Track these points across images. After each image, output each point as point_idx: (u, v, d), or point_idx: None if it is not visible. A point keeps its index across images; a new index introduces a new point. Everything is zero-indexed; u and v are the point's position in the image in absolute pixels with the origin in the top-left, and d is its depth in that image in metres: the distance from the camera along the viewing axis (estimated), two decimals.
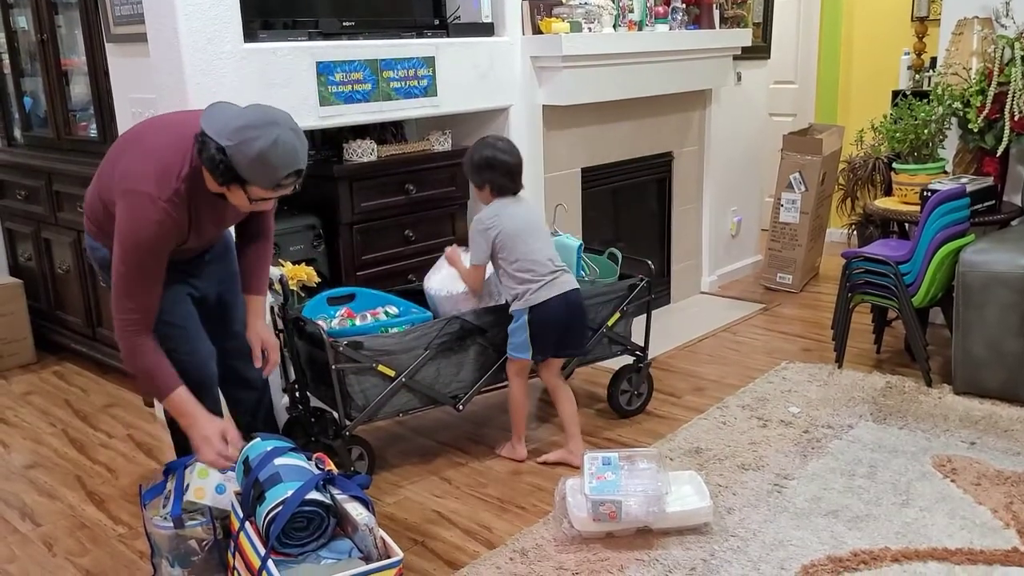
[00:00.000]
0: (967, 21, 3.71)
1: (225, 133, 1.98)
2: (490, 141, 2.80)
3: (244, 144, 1.97)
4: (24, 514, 2.73)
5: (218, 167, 1.99)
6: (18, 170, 4.03)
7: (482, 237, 2.74)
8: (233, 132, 1.98)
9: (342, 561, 1.95)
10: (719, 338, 4.09)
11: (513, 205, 2.78)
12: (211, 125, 2.01)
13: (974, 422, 3.05)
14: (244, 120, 1.99)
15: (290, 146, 2.01)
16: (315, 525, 1.96)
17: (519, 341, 2.79)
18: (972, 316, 3.18)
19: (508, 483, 2.79)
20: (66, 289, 3.92)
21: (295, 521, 1.93)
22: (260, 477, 2.00)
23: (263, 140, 1.97)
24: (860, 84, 5.63)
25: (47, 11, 3.64)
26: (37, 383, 3.83)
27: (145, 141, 2.16)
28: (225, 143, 1.97)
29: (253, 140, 1.97)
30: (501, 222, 2.73)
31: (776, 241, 4.82)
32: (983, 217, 3.52)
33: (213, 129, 2.00)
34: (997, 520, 2.42)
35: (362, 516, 1.98)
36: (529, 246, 2.74)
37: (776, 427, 3.08)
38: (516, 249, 2.74)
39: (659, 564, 2.29)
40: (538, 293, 2.73)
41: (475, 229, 2.76)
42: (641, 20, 3.96)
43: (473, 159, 2.77)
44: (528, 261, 2.74)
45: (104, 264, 2.26)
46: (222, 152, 1.97)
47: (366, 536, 1.96)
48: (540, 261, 2.75)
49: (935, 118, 3.61)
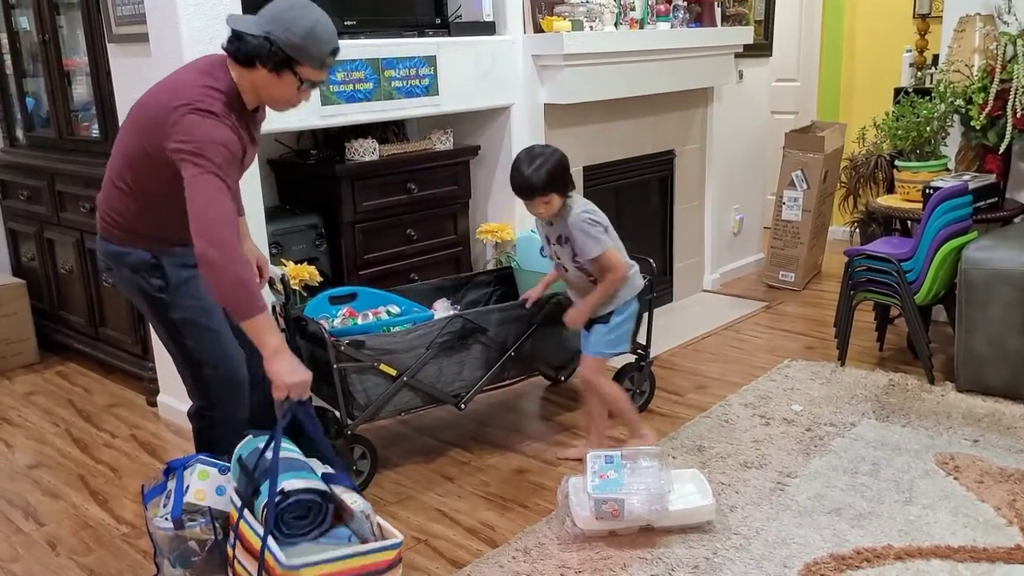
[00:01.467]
0: (969, 18, 3.70)
1: (261, 25, 2.00)
2: (543, 150, 2.66)
3: (291, 24, 2.00)
4: (28, 514, 2.73)
5: (269, 52, 2.00)
6: (21, 170, 4.04)
7: (599, 228, 2.67)
8: (269, 21, 2.01)
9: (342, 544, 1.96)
10: (721, 336, 4.08)
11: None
12: (241, 24, 2.03)
13: (977, 420, 3.04)
14: (276, 9, 2.02)
15: (328, 22, 2.05)
16: (314, 513, 1.97)
17: (622, 334, 2.78)
18: (975, 313, 3.17)
19: (511, 482, 2.79)
20: (69, 289, 3.92)
21: (294, 510, 1.94)
22: (255, 473, 2.00)
23: (308, 17, 2.01)
24: (862, 81, 5.62)
25: (48, 12, 3.64)
26: (40, 383, 3.84)
27: (173, 81, 2.09)
28: (268, 30, 1.99)
29: (298, 19, 2.00)
30: (602, 215, 2.73)
31: (778, 239, 4.81)
32: (985, 214, 3.51)
33: (245, 26, 2.02)
34: (1000, 518, 2.42)
35: (357, 503, 1.98)
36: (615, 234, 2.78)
37: (779, 425, 3.08)
38: (617, 239, 2.76)
39: (662, 562, 2.29)
40: (639, 281, 2.80)
41: (589, 223, 2.65)
42: (643, 18, 3.96)
43: (551, 170, 2.59)
44: (623, 250, 2.78)
45: (141, 266, 2.18)
46: (267, 39, 2.00)
47: (363, 523, 1.96)
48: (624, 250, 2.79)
49: (937, 115, 3.61)
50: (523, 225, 3.60)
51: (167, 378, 3.39)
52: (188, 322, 2.23)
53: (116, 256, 2.22)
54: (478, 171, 3.67)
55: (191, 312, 2.22)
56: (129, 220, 2.17)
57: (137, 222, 2.16)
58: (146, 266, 2.18)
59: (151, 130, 2.04)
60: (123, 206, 2.16)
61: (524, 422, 3.26)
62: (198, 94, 2.02)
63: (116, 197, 2.17)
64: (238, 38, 2.03)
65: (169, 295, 2.20)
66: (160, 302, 2.21)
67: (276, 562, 1.82)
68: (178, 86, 2.06)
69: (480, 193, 3.70)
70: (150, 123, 2.05)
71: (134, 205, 2.15)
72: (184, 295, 2.21)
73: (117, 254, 2.21)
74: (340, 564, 1.86)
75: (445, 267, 3.54)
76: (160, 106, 2.03)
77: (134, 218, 2.16)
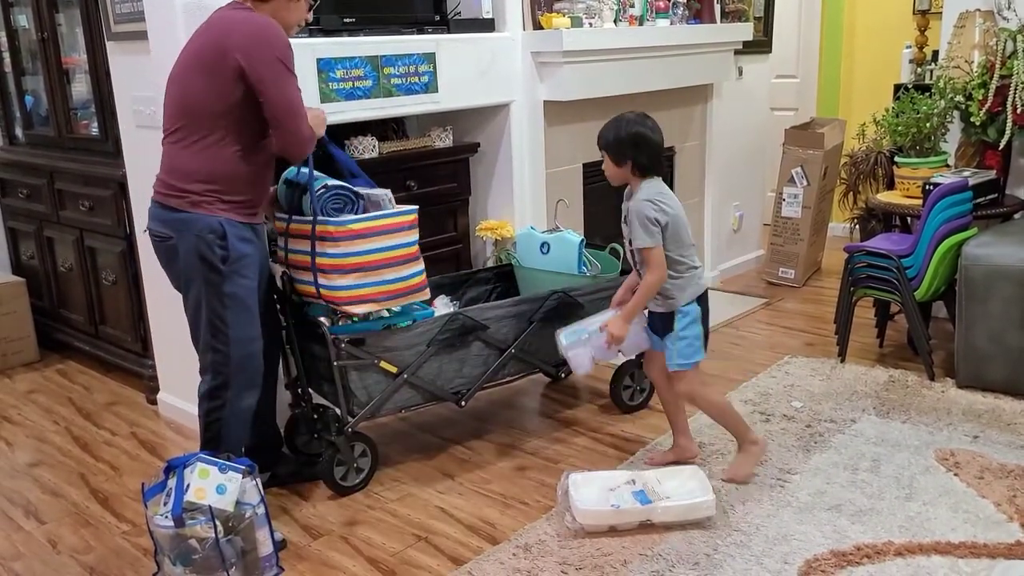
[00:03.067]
0: (969, 14, 3.70)
1: None
2: (636, 119, 2.54)
3: None
4: (28, 512, 2.74)
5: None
6: (20, 169, 4.03)
7: (655, 221, 2.49)
8: None
9: None
10: (721, 333, 4.08)
11: (667, 189, 2.58)
12: None
13: (977, 416, 3.04)
14: None
15: None
16: (349, 205, 2.55)
17: (692, 339, 2.56)
18: (975, 310, 3.17)
19: (511, 479, 2.80)
20: (69, 287, 3.92)
21: (334, 201, 2.51)
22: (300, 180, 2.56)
23: None
24: (862, 78, 5.62)
25: (47, 9, 3.64)
26: (40, 381, 3.84)
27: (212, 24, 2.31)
28: None
29: None
30: (672, 208, 2.52)
31: (778, 236, 4.81)
32: (985, 210, 3.51)
33: None
34: (1000, 514, 2.42)
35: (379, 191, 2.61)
36: (689, 234, 2.58)
37: (779, 422, 3.07)
38: (682, 237, 2.55)
39: (662, 559, 2.29)
40: (702, 281, 2.60)
41: (646, 212, 2.49)
42: (642, 15, 3.95)
43: (620, 134, 2.52)
44: (690, 249, 2.57)
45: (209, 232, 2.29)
46: None
47: (388, 204, 2.59)
48: (694, 250, 2.61)
49: (937, 111, 3.60)
50: (523, 222, 3.60)
51: (167, 376, 3.39)
52: (237, 298, 2.36)
53: (183, 223, 2.31)
54: (478, 168, 3.67)
55: (242, 289, 2.37)
56: (199, 179, 2.29)
57: (208, 179, 2.29)
58: (214, 233, 2.30)
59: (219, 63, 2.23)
60: (193, 164, 2.29)
61: (524, 419, 3.26)
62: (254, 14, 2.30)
63: (185, 157, 2.30)
64: None
65: (228, 266, 2.34)
66: (218, 272, 2.33)
67: (330, 226, 2.48)
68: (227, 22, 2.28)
69: (480, 190, 3.70)
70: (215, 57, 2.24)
71: (204, 159, 2.29)
72: (241, 270, 2.36)
73: (185, 220, 2.31)
74: (374, 222, 2.54)
75: (445, 264, 3.54)
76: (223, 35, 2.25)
77: (205, 175, 2.29)
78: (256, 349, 2.44)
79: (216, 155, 2.30)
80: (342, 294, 2.52)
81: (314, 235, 2.50)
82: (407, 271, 2.59)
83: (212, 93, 2.25)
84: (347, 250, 2.49)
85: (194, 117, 2.28)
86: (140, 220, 3.21)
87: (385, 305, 2.60)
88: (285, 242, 2.62)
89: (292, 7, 2.39)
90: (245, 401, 2.44)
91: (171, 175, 2.34)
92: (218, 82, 2.24)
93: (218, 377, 2.40)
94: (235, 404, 2.41)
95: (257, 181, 2.42)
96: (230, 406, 2.41)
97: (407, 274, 2.60)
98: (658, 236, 2.50)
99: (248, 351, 2.41)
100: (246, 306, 2.39)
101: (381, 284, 2.55)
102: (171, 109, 2.34)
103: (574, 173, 3.88)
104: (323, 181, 2.54)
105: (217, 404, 2.40)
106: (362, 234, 2.50)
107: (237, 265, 2.35)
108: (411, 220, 2.60)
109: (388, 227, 2.56)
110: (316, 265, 2.52)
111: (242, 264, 2.37)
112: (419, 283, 2.63)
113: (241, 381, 2.41)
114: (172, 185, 2.33)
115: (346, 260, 2.50)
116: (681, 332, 2.57)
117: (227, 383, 2.40)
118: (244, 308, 2.39)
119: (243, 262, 2.37)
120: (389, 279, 2.56)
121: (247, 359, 2.41)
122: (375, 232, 2.53)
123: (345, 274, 2.50)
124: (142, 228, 3.16)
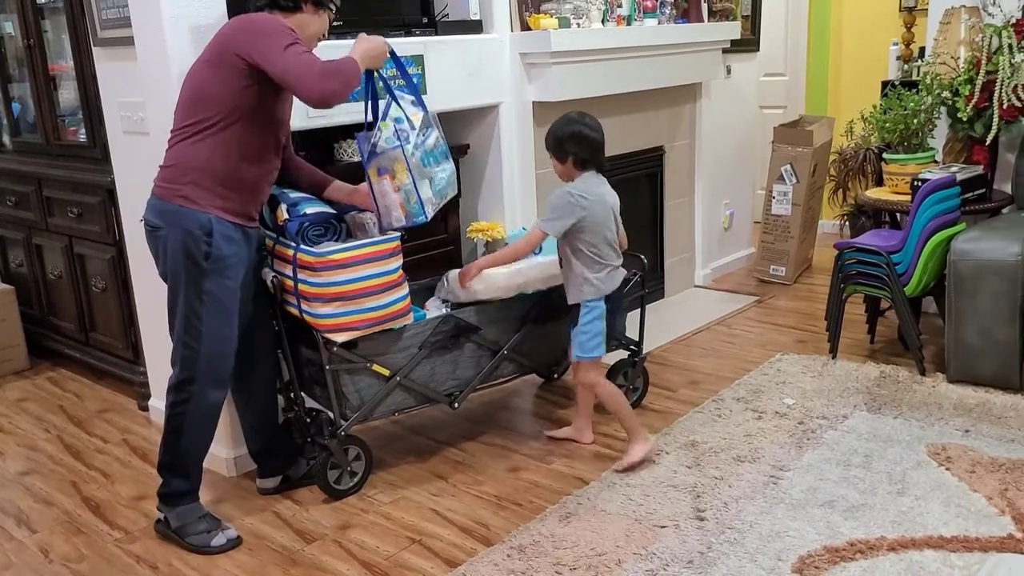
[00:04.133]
0: (955, 10, 3.71)
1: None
2: (575, 117, 2.75)
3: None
4: (20, 520, 2.72)
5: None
6: (8, 176, 4.02)
7: (570, 211, 2.65)
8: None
9: None
10: (713, 331, 4.09)
11: (601, 185, 2.76)
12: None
13: (968, 410, 3.06)
14: None
15: None
16: (331, 230, 2.56)
17: (594, 334, 2.73)
18: (964, 305, 3.19)
19: (504, 480, 2.79)
20: (58, 295, 3.91)
21: (315, 228, 2.53)
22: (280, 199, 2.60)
23: None
24: (850, 75, 5.64)
25: (33, 16, 3.62)
26: (31, 389, 3.82)
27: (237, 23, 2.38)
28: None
29: None
30: (593, 203, 2.68)
31: (769, 233, 4.82)
32: (973, 206, 3.53)
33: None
34: (992, 507, 2.43)
35: (365, 215, 2.62)
36: (611, 231, 2.74)
37: (771, 419, 3.08)
38: (600, 233, 2.70)
39: (656, 558, 2.29)
40: (613, 280, 2.74)
41: (563, 200, 2.67)
42: (629, 15, 3.96)
43: (559, 134, 2.72)
44: (608, 247, 2.73)
45: (196, 227, 2.33)
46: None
47: (372, 229, 2.60)
48: (615, 248, 2.76)
49: (924, 108, 3.62)
50: (513, 223, 3.60)
51: (158, 382, 3.38)
52: (215, 297, 2.39)
53: (173, 215, 2.36)
54: (467, 169, 3.67)
55: (221, 289, 2.40)
56: (195, 173, 2.34)
57: (203, 173, 2.34)
58: (202, 229, 2.34)
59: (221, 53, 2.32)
60: (192, 158, 2.35)
61: (518, 420, 3.26)
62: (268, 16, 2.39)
63: (186, 150, 2.36)
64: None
65: (210, 264, 2.37)
66: (200, 269, 2.36)
67: (310, 256, 2.47)
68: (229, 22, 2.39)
69: (470, 191, 3.70)
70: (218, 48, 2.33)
71: (203, 154, 2.35)
72: (222, 270, 2.39)
73: (176, 213, 2.36)
74: (355, 251, 2.52)
75: (436, 265, 3.52)
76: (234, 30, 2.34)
77: (201, 170, 2.34)
78: (228, 349, 2.46)
79: (215, 151, 2.35)
80: (324, 322, 2.53)
81: (295, 263, 2.52)
82: (389, 298, 2.58)
83: (218, 82, 2.33)
84: (328, 280, 2.48)
85: (200, 108, 2.35)
86: (129, 226, 3.20)
87: (367, 332, 2.59)
88: (271, 261, 2.65)
89: (314, 20, 2.45)
90: (211, 398, 2.46)
91: (170, 168, 2.39)
92: (222, 72, 2.32)
93: (185, 372, 2.42)
94: (200, 400, 2.43)
95: (254, 187, 2.46)
96: (195, 401, 2.43)
97: (389, 301, 2.58)
98: (559, 225, 2.66)
99: (219, 350, 2.43)
100: (223, 306, 2.41)
101: (363, 312, 2.54)
102: (179, 106, 2.41)
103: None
104: (304, 208, 2.55)
105: (182, 398, 2.43)
106: (343, 264, 2.49)
107: (219, 264, 2.38)
108: (393, 247, 2.58)
109: (369, 255, 2.53)
110: (299, 292, 2.54)
111: (224, 264, 2.39)
112: (402, 309, 2.62)
113: (208, 378, 2.43)
114: (169, 178, 2.38)
115: (327, 290, 2.49)
116: (583, 326, 2.73)
117: (194, 378, 2.42)
118: (221, 308, 2.40)
119: (226, 262, 2.39)
120: (371, 307, 2.55)
121: (217, 358, 2.43)
122: (356, 261, 2.51)
123: (327, 303, 2.50)
124: (131, 235, 3.17)
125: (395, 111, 2.60)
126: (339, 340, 2.56)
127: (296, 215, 2.54)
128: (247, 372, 2.65)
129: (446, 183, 2.68)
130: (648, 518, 2.49)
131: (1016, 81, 3.40)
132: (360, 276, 2.52)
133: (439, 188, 2.65)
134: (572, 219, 2.66)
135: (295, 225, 2.52)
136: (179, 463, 2.48)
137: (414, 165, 2.56)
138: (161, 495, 2.52)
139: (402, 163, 2.55)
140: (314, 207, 2.59)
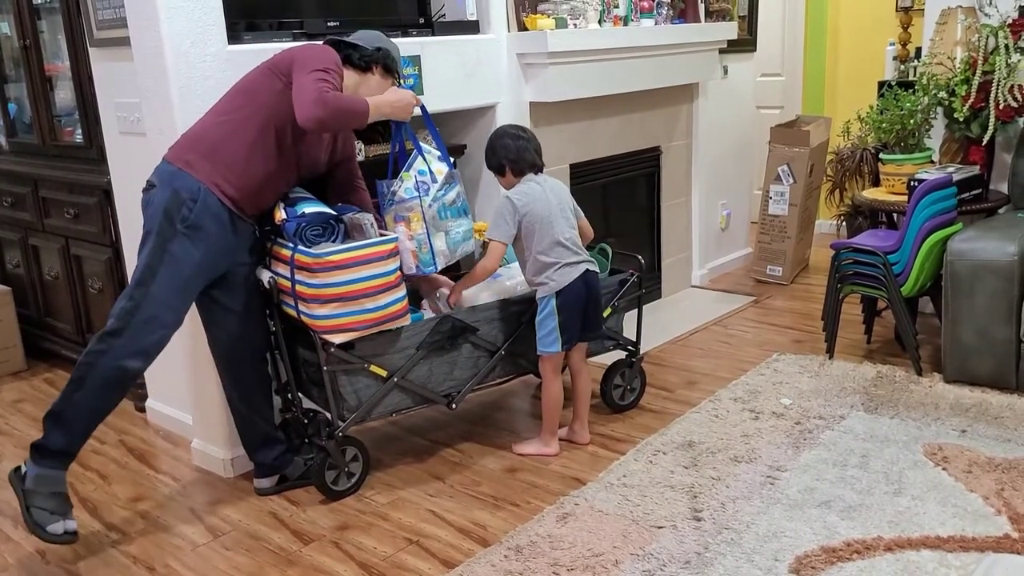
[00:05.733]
0: (951, 11, 3.72)
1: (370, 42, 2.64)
2: (499, 130, 2.91)
3: (390, 47, 2.68)
4: (17, 522, 2.71)
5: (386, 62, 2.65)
6: (4, 177, 4.01)
7: (510, 216, 2.77)
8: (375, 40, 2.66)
9: None
10: (710, 331, 4.10)
11: (540, 186, 2.82)
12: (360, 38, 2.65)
13: (964, 410, 3.06)
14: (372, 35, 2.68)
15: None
16: (329, 231, 2.57)
17: (548, 331, 2.80)
18: (961, 304, 3.19)
19: (502, 481, 2.80)
20: (55, 296, 3.90)
21: (313, 228, 2.53)
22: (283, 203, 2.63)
23: (393, 43, 2.72)
24: (846, 75, 5.65)
25: (29, 16, 3.62)
26: (28, 390, 3.82)
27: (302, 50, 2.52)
28: (377, 46, 2.64)
29: (390, 47, 2.69)
30: (531, 205, 2.77)
31: (765, 234, 4.83)
32: (970, 206, 3.53)
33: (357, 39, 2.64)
34: (988, 507, 2.44)
35: (364, 216, 2.61)
36: (556, 229, 2.78)
37: (768, 419, 3.09)
38: (544, 233, 2.77)
39: (654, 559, 2.29)
40: (563, 276, 2.77)
41: (502, 207, 2.79)
42: (626, 15, 3.96)
43: (489, 150, 2.87)
44: (555, 244, 2.78)
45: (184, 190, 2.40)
46: (379, 50, 2.64)
47: (369, 230, 2.59)
48: (566, 245, 2.79)
49: (921, 108, 3.63)
50: None
51: (155, 383, 3.38)
52: (176, 260, 2.40)
53: (170, 175, 2.43)
54: (464, 170, 3.66)
55: (185, 254, 2.41)
56: (206, 146, 2.43)
57: (213, 149, 2.43)
58: (189, 194, 2.40)
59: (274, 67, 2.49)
60: (209, 133, 2.46)
61: (515, 421, 3.26)
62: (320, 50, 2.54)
63: (210, 125, 2.48)
64: (352, 47, 2.59)
65: (184, 227, 2.40)
66: (172, 227, 2.40)
67: (308, 257, 2.48)
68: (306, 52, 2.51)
69: (467, 192, 3.68)
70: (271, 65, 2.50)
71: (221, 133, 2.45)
72: (192, 239, 2.41)
73: (172, 174, 2.43)
74: (352, 253, 2.52)
75: None
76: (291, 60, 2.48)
77: (213, 146, 2.43)
78: (168, 320, 2.40)
79: (234, 136, 2.44)
80: (322, 323, 2.53)
81: (293, 263, 2.53)
82: (386, 299, 2.58)
83: (262, 81, 2.49)
84: (325, 281, 2.49)
85: (237, 98, 2.49)
86: (125, 227, 3.20)
87: (365, 333, 2.60)
88: (269, 262, 2.66)
89: (380, 85, 2.64)
90: (127, 363, 2.36)
91: (186, 136, 2.50)
92: (269, 75, 2.48)
93: (116, 323, 2.35)
94: (115, 357, 2.35)
95: (257, 187, 2.51)
96: (109, 356, 2.34)
97: (386, 302, 2.59)
98: (506, 230, 2.77)
99: (159, 317, 2.38)
100: (181, 273, 2.40)
101: (360, 313, 2.54)
102: (225, 94, 2.55)
103: (561, 174, 3.88)
104: (302, 207, 2.57)
105: (100, 348, 2.35)
106: (340, 265, 2.49)
107: (193, 232, 2.40)
108: (390, 249, 2.59)
109: (366, 257, 2.54)
110: (296, 293, 2.54)
111: (198, 235, 2.41)
112: (399, 310, 2.62)
113: (134, 341, 2.35)
114: (182, 144, 2.48)
115: (324, 291, 2.50)
116: (538, 321, 2.83)
117: (120, 332, 2.35)
118: (178, 273, 2.40)
119: (200, 232, 2.41)
120: (368, 308, 2.55)
121: (153, 325, 2.37)
122: (353, 263, 2.51)
123: (324, 304, 2.51)
124: (128, 236, 3.16)
125: (420, 164, 2.70)
126: (337, 341, 2.56)
127: (294, 216, 2.54)
128: (243, 372, 2.64)
129: (462, 238, 2.75)
130: (645, 518, 2.49)
131: (1012, 81, 3.41)
132: (358, 277, 2.52)
133: (454, 242, 2.72)
134: (514, 221, 2.76)
135: (293, 226, 2.52)
136: (66, 416, 2.37)
137: (430, 217, 2.64)
138: (34, 445, 2.40)
139: (418, 213, 2.63)
140: (312, 207, 2.59)
